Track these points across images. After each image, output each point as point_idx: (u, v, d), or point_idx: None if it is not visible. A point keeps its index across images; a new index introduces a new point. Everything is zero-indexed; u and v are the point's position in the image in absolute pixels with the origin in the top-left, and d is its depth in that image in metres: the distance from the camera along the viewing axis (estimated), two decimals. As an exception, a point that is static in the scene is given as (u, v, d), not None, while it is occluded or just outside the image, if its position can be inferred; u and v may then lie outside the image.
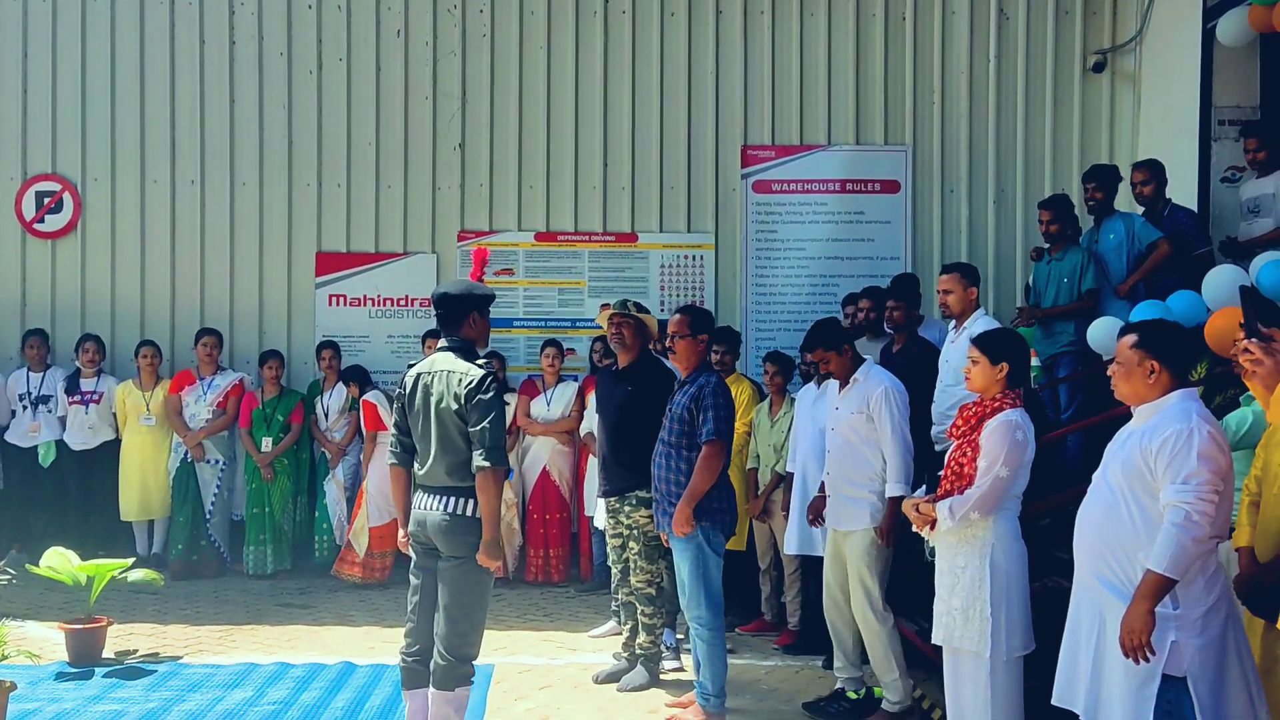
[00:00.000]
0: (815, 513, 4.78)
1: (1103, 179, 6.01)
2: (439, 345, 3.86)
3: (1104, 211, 5.98)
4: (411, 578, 3.83)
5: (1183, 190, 6.36)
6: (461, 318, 3.82)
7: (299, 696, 4.70)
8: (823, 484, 4.71)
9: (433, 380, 3.74)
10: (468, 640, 3.68)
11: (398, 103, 7.76)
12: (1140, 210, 6.07)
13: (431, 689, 3.68)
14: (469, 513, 3.67)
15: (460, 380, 3.67)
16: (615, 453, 4.98)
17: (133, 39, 7.75)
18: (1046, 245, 6.12)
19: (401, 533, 3.89)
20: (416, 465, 3.81)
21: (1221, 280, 5.10)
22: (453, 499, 3.67)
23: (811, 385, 5.37)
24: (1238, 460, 3.21)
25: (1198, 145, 6.59)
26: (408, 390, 3.83)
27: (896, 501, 4.31)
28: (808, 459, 5.13)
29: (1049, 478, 4.60)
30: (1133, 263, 5.76)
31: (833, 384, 4.65)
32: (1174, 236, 5.74)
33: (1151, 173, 5.97)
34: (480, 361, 3.76)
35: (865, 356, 4.63)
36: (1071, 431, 5.14)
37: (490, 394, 3.64)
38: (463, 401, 3.64)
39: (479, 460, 3.60)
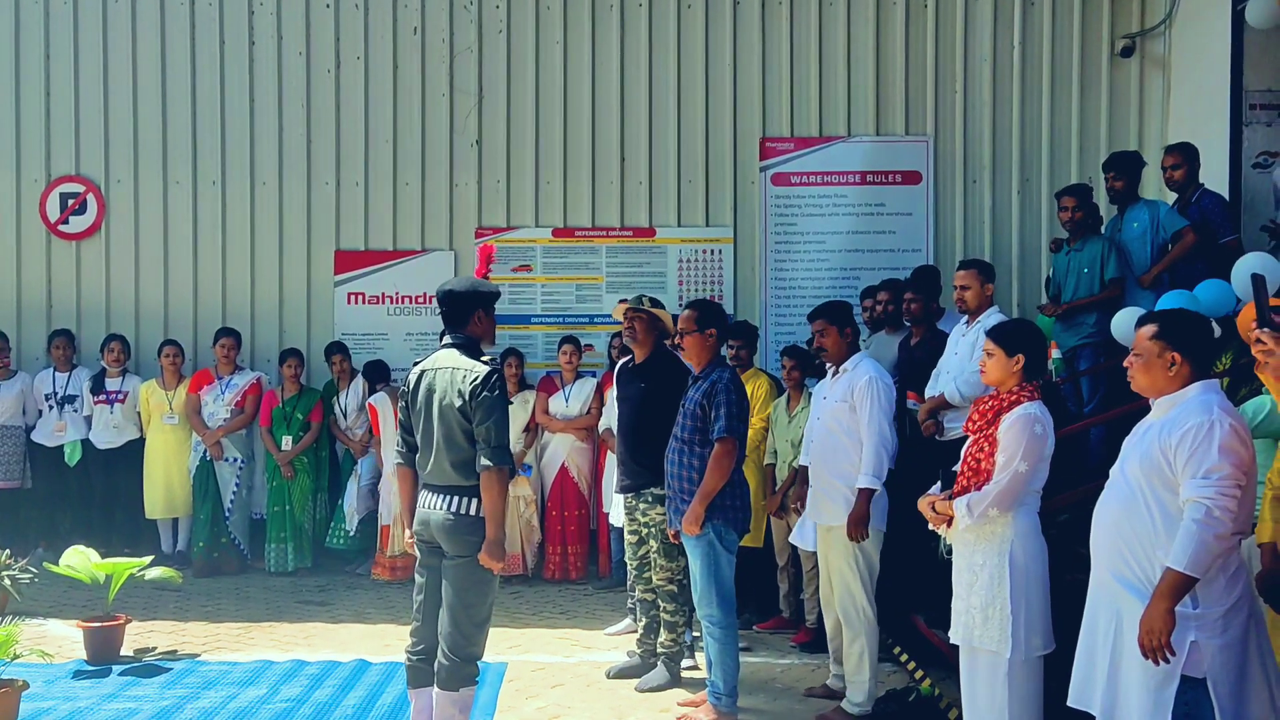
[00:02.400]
0: (799, 499, 4.73)
1: (1121, 167, 5.84)
2: (443, 342, 3.82)
3: (1127, 199, 5.82)
4: (416, 576, 3.80)
5: (1213, 176, 6.20)
6: (467, 315, 3.77)
7: (312, 694, 4.70)
8: (807, 473, 4.68)
9: (435, 377, 3.70)
10: (471, 640, 3.63)
11: (415, 100, 7.76)
12: (1172, 195, 5.90)
13: (435, 689, 3.65)
14: (473, 512, 3.62)
15: (464, 377, 3.62)
16: (630, 450, 4.96)
17: (154, 40, 7.82)
18: (1066, 236, 5.98)
19: (407, 532, 3.86)
20: (419, 463, 3.77)
21: (1252, 268, 4.93)
22: (456, 498, 3.63)
23: (826, 379, 5.29)
24: (1261, 453, 3.09)
25: (1228, 130, 6.41)
26: (411, 387, 3.79)
27: (866, 494, 4.25)
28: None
29: (1070, 472, 4.48)
30: (1157, 252, 5.61)
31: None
32: (1200, 224, 5.57)
33: (1183, 157, 5.77)
34: (485, 359, 3.70)
35: (862, 349, 4.59)
36: (1093, 424, 5.01)
37: (495, 392, 3.59)
38: (467, 398, 3.59)
39: (483, 460, 3.55)
